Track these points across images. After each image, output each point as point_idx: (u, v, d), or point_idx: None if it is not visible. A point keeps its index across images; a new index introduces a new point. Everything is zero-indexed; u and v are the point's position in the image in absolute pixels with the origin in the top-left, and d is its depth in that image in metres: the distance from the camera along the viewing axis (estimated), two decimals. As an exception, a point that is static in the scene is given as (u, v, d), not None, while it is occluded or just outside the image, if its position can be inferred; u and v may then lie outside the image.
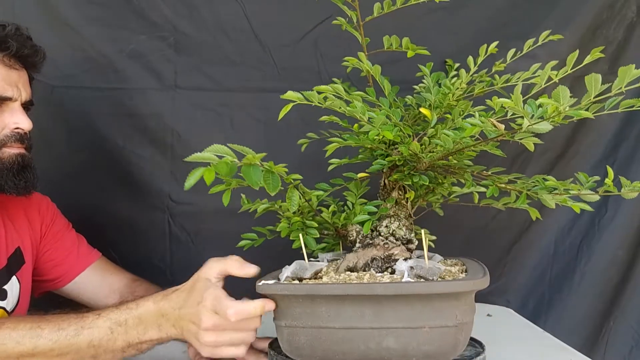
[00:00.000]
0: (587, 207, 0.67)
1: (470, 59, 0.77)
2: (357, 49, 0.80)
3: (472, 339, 0.72)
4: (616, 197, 1.28)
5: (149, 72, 1.13)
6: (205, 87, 1.14)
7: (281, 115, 0.63)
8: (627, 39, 1.19)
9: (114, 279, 0.94)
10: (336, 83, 0.63)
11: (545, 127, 0.53)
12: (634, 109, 0.58)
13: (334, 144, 0.72)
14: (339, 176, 0.83)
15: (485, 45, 0.66)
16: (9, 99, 0.78)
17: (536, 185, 0.70)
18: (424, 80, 0.83)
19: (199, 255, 1.20)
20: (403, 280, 0.61)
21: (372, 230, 0.73)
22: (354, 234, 0.75)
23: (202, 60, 1.14)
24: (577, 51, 0.64)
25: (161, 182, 1.15)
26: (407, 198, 0.75)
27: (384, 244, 0.70)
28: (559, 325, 1.25)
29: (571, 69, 0.66)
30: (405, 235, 0.73)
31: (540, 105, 0.52)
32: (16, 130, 0.78)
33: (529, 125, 0.53)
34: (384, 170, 0.75)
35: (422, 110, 0.71)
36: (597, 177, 0.72)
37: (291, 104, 0.62)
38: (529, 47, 0.77)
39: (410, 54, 0.77)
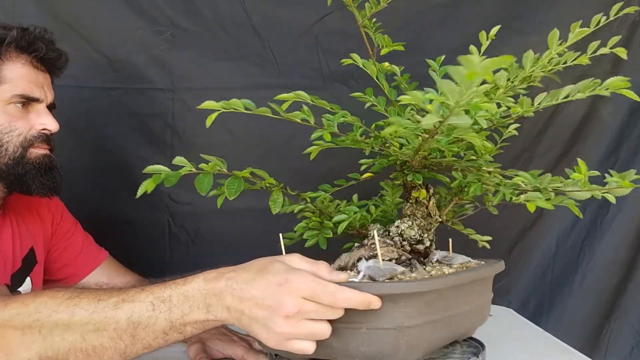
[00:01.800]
0: (576, 208, 0.68)
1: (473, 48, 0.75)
2: (358, 44, 0.79)
3: (472, 338, 0.72)
4: (617, 198, 1.28)
5: (147, 70, 1.13)
6: (204, 83, 1.14)
7: (208, 123, 0.61)
8: (629, 38, 1.19)
9: (121, 279, 0.94)
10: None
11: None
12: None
13: (316, 147, 0.71)
14: (344, 176, 0.83)
15: (484, 32, 0.65)
16: (36, 100, 0.78)
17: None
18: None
19: (199, 255, 1.21)
20: (356, 280, 0.60)
21: (385, 231, 0.73)
22: (371, 234, 0.74)
23: (202, 56, 1.13)
24: (601, 14, 0.64)
25: (161, 183, 1.14)
26: (416, 197, 0.73)
27: (371, 244, 0.68)
28: (560, 325, 1.25)
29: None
30: (415, 235, 0.72)
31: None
32: (43, 132, 0.79)
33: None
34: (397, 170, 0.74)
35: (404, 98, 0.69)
36: (596, 173, 0.71)
37: (216, 113, 0.60)
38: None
39: (384, 51, 0.76)
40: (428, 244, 0.73)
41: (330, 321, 0.54)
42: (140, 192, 0.59)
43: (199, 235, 1.16)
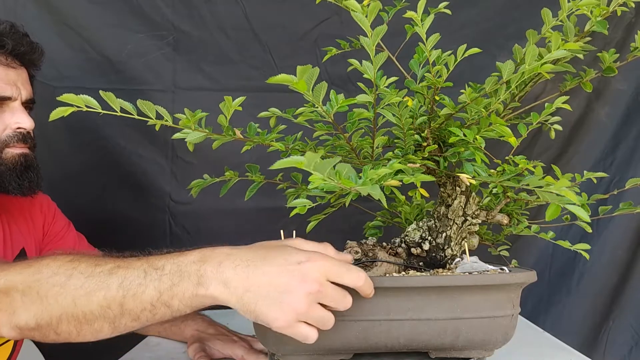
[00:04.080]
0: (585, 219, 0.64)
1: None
2: (356, 49, 0.80)
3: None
4: (615, 197, 1.28)
5: (149, 72, 1.14)
6: (205, 86, 1.15)
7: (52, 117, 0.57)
8: (625, 39, 1.20)
9: None
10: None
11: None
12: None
13: (246, 146, 0.68)
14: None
15: (465, 46, 0.65)
16: (9, 99, 0.77)
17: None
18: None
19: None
20: None
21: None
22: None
23: (202, 60, 1.15)
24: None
25: (162, 182, 1.15)
26: (440, 194, 0.70)
27: (364, 244, 0.70)
28: (558, 325, 1.26)
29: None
30: (415, 238, 0.70)
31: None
32: (18, 130, 0.77)
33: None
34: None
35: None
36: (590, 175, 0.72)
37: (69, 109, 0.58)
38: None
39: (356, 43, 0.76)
40: (427, 247, 0.70)
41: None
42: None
43: (200, 235, 1.17)
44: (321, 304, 0.52)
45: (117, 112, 0.57)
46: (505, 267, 0.68)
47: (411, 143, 0.66)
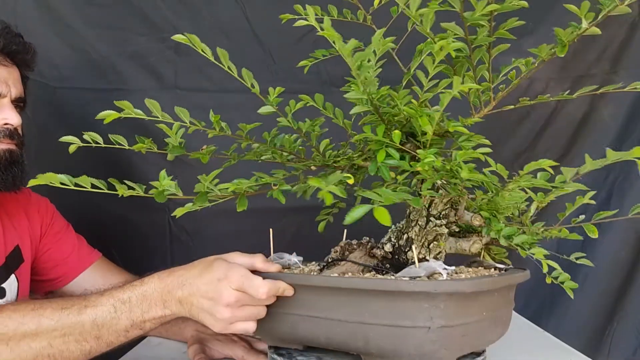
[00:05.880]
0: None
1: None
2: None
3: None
4: (619, 198, 1.28)
5: (149, 73, 1.14)
6: (205, 87, 1.15)
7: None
8: (629, 38, 1.19)
9: (115, 278, 0.94)
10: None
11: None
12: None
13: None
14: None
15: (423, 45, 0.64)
16: None
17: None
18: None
19: (199, 255, 1.21)
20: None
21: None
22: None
23: (202, 61, 1.14)
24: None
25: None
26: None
27: (348, 244, 0.71)
28: (561, 326, 1.25)
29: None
30: (384, 239, 0.70)
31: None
32: (5, 126, 0.78)
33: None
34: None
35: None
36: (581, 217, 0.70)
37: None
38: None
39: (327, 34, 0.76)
40: (389, 248, 0.68)
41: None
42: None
43: (199, 236, 1.17)
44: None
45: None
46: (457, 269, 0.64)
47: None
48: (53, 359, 0.62)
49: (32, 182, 0.60)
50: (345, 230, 0.76)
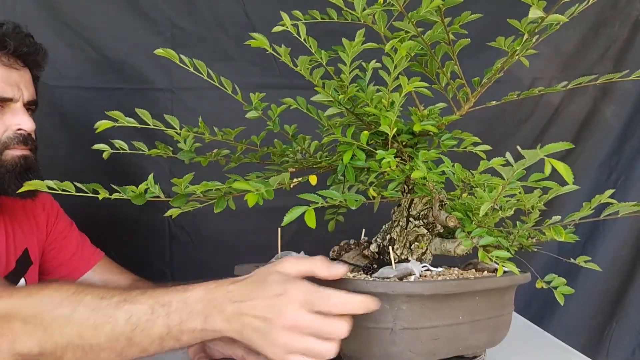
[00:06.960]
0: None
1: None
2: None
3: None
4: (620, 197, 1.27)
5: (147, 71, 1.13)
6: (203, 83, 1.14)
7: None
8: (631, 37, 1.18)
9: (118, 279, 0.94)
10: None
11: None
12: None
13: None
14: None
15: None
16: (10, 100, 0.76)
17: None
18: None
19: (199, 255, 1.21)
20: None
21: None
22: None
23: (201, 56, 1.14)
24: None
25: (161, 182, 1.14)
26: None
27: (345, 244, 0.71)
28: (562, 326, 1.25)
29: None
30: (373, 239, 0.69)
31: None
32: (19, 132, 0.76)
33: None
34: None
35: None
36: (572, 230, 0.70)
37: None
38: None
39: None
40: (375, 248, 0.68)
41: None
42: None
43: (199, 235, 1.17)
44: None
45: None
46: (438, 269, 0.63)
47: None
48: (83, 352, 0.56)
49: (19, 190, 0.59)
50: (364, 230, 0.74)
